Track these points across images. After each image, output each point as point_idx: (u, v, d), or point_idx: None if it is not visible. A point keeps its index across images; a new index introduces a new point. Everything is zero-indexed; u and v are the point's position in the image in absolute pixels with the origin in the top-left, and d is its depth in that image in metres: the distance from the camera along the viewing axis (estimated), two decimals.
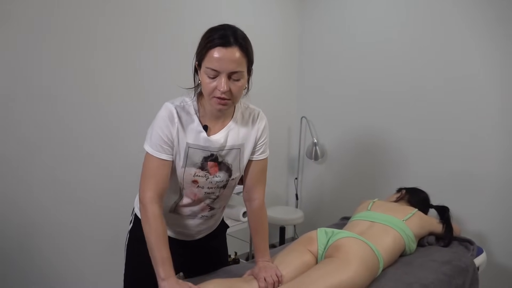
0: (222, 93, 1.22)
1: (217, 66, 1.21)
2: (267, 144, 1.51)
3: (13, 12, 1.90)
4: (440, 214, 2.11)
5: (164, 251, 1.28)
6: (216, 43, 1.20)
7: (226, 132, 1.38)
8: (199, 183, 1.40)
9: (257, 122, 1.46)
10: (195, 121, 1.34)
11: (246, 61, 1.26)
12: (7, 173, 1.97)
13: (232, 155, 1.41)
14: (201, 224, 1.53)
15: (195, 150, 1.35)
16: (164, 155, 1.32)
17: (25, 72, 1.98)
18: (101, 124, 2.28)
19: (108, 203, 2.34)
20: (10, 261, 2.02)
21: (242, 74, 1.25)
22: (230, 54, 1.20)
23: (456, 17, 2.55)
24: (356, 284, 1.45)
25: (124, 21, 2.30)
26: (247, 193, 1.54)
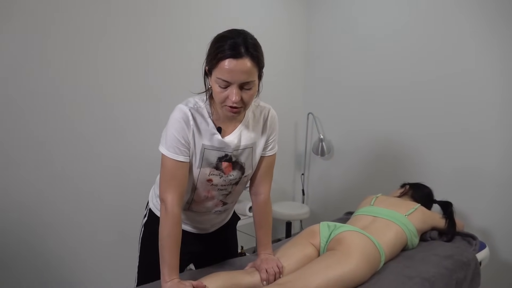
0: (234, 103, 1.24)
1: (228, 77, 1.21)
2: (276, 141, 1.55)
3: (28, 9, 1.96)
4: (443, 209, 2.13)
5: (175, 256, 1.34)
6: (227, 55, 1.19)
7: (239, 133, 1.41)
8: (213, 182, 1.44)
9: (268, 120, 1.49)
10: (210, 123, 1.36)
11: (257, 69, 1.27)
12: (16, 170, 2.03)
13: (245, 154, 1.45)
14: (214, 218, 1.59)
15: (211, 151, 1.38)
16: (181, 156, 1.34)
17: (35, 70, 2.03)
18: (110, 121, 2.33)
19: (116, 199, 2.39)
20: (20, 258, 2.08)
21: (253, 83, 1.26)
22: (241, 65, 1.20)
23: (462, 12, 2.56)
24: (356, 277, 1.48)
25: (133, 20, 2.35)
26: (254, 187, 1.58)
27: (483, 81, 2.49)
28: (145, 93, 2.46)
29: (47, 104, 2.09)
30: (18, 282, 2.08)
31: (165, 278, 1.32)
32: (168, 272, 1.32)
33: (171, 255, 1.33)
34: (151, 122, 2.43)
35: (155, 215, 1.56)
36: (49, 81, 2.08)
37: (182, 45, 2.57)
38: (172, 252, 1.33)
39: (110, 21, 2.26)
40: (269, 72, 3.17)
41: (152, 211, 1.59)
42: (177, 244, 1.35)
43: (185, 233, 1.44)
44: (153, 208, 1.58)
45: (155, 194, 1.57)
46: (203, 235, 1.63)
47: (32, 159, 2.07)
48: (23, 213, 2.06)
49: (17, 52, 1.97)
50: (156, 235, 1.38)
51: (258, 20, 3.09)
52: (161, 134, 1.40)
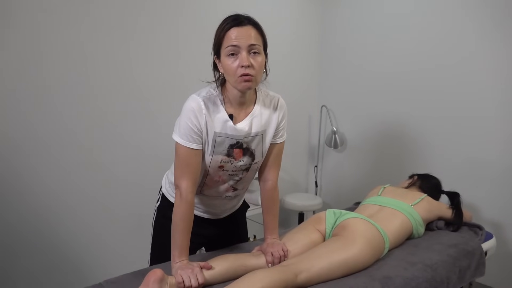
0: (246, 68, 1.31)
1: (235, 41, 1.31)
2: (286, 129, 1.60)
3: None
4: (451, 200, 2.15)
5: (186, 240, 1.42)
6: (231, 25, 1.32)
7: (250, 120, 1.46)
8: (224, 167, 1.50)
9: (278, 108, 1.54)
10: (222, 111, 1.42)
11: (262, 39, 1.37)
12: (46, 156, 2.15)
13: (255, 141, 1.50)
14: (225, 203, 1.66)
15: (223, 139, 1.44)
16: (194, 144, 1.41)
17: (62, 63, 2.14)
18: (131, 108, 2.43)
19: (135, 184, 2.50)
20: (45, 238, 2.20)
21: (260, 49, 1.35)
22: (245, 30, 1.32)
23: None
24: (360, 262, 1.53)
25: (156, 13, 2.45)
26: (262, 174, 1.64)
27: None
28: (169, 83, 2.56)
29: (72, 92, 2.20)
30: (42, 259, 2.20)
31: (175, 259, 1.40)
32: (178, 253, 1.40)
33: (182, 238, 1.41)
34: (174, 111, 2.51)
35: (167, 200, 1.65)
36: (77, 71, 2.20)
37: (196, 39, 2.64)
38: (183, 236, 1.41)
39: (132, 18, 2.36)
40: (284, 65, 3.26)
41: (164, 196, 1.68)
42: (189, 228, 1.43)
43: (197, 218, 1.52)
44: (166, 193, 1.67)
45: (168, 180, 1.66)
46: (215, 220, 1.70)
47: (56, 143, 2.18)
48: (50, 195, 2.19)
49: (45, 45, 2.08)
50: (167, 218, 1.46)
51: (273, 12, 3.13)
52: (175, 123, 1.48)
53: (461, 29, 2.64)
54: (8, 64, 1.98)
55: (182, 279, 1.31)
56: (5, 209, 2.06)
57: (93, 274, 2.34)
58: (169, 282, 1.30)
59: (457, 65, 2.66)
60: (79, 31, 2.17)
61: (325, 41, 3.53)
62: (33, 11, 2.01)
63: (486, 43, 2.52)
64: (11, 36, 1.97)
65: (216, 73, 1.45)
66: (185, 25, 2.59)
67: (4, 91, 1.99)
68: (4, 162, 2.03)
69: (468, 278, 1.80)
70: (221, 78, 1.44)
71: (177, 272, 1.34)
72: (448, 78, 2.72)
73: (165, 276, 1.29)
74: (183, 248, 1.41)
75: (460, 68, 2.65)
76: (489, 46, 2.51)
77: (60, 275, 2.26)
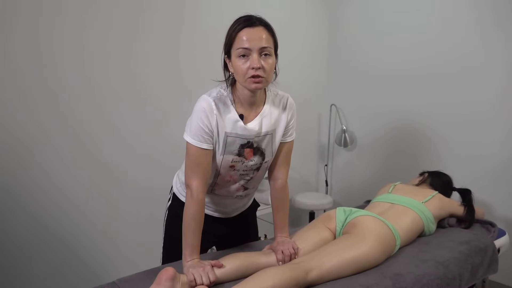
0: (256, 70, 1.32)
1: (246, 44, 1.31)
2: (295, 128, 1.61)
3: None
4: (462, 197, 2.14)
5: (197, 239, 1.44)
6: (243, 26, 1.33)
7: (260, 119, 1.48)
8: (235, 167, 1.52)
9: (287, 107, 1.55)
10: (232, 111, 1.44)
11: (273, 41, 1.38)
12: (56, 158, 2.18)
13: (265, 141, 1.52)
14: (236, 203, 1.67)
15: (233, 139, 1.45)
16: (205, 144, 1.43)
17: (70, 66, 2.17)
18: (140, 110, 2.46)
19: (145, 185, 2.52)
20: (55, 238, 2.23)
21: (271, 51, 1.36)
22: (257, 32, 1.33)
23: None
24: (370, 260, 1.53)
25: (164, 15, 2.47)
26: (272, 172, 1.65)
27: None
28: (178, 85, 2.59)
29: (81, 95, 2.23)
30: (54, 259, 2.24)
31: (186, 258, 1.42)
32: (189, 252, 1.42)
33: (193, 237, 1.43)
34: (176, 114, 2.54)
35: (178, 199, 1.67)
36: (84, 75, 2.23)
37: (201, 40, 2.66)
38: (194, 234, 1.43)
39: (136, 20, 2.38)
40: (293, 64, 3.25)
41: (175, 195, 1.69)
42: (200, 227, 1.45)
43: (208, 217, 1.54)
44: (177, 192, 1.69)
45: (179, 179, 1.67)
46: (225, 219, 1.72)
47: (68, 147, 2.22)
48: (59, 197, 2.22)
49: (53, 45, 2.11)
50: (178, 217, 1.48)
51: (281, 10, 3.15)
52: (186, 123, 1.49)
53: (467, 24, 2.62)
54: (15, 66, 2.01)
55: (193, 277, 1.32)
56: (15, 210, 2.09)
57: (105, 274, 2.36)
58: (181, 280, 1.31)
59: (466, 60, 2.64)
60: (84, 33, 2.20)
61: (334, 40, 3.53)
62: (37, 13, 2.04)
63: (493, 38, 2.50)
64: (16, 38, 2.00)
65: (226, 72, 1.46)
66: (190, 26, 2.61)
67: (12, 93, 2.02)
68: (14, 164, 2.07)
69: (481, 275, 1.79)
70: (231, 78, 1.45)
71: (188, 271, 1.36)
72: (456, 74, 2.70)
73: (177, 274, 1.30)
74: (194, 247, 1.43)
75: (470, 62, 2.63)
76: (496, 40, 2.49)
77: (71, 275, 2.30)
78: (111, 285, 1.42)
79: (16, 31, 1.99)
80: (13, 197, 2.08)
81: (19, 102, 2.05)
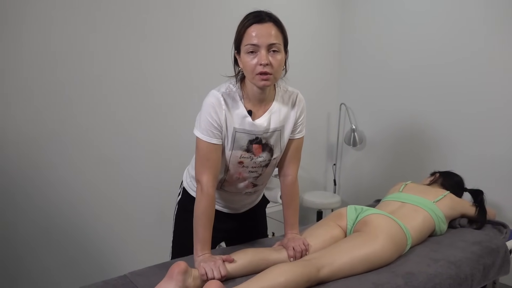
0: (264, 66, 1.32)
1: (255, 40, 1.31)
2: (304, 124, 1.60)
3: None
4: (474, 197, 2.12)
5: (208, 233, 1.44)
6: (252, 22, 1.33)
7: (268, 116, 1.47)
8: (244, 163, 1.52)
9: (296, 104, 1.55)
10: (241, 106, 1.44)
11: (282, 37, 1.37)
12: (60, 152, 2.18)
13: (274, 137, 1.51)
14: (245, 199, 1.68)
15: (242, 134, 1.45)
16: (215, 139, 1.43)
17: (79, 62, 2.18)
18: (149, 106, 2.46)
19: (154, 180, 2.53)
20: (63, 236, 2.24)
21: (279, 48, 1.35)
22: (266, 28, 1.32)
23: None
24: (382, 258, 1.53)
25: (173, 11, 2.47)
26: (282, 169, 1.64)
27: None
28: (186, 82, 2.58)
29: (89, 92, 2.23)
30: (63, 252, 2.25)
31: (197, 253, 1.42)
32: (200, 247, 1.42)
33: (204, 231, 1.43)
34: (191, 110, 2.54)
35: (188, 194, 1.67)
36: (93, 72, 2.23)
37: (209, 36, 2.65)
38: (205, 229, 1.43)
39: (144, 17, 2.38)
40: (303, 63, 3.24)
41: (186, 190, 1.70)
42: (210, 222, 1.45)
43: (217, 212, 1.54)
44: (187, 187, 1.69)
45: (189, 174, 1.68)
46: (234, 214, 1.72)
47: (78, 143, 2.23)
48: (69, 192, 2.23)
49: (62, 44, 2.12)
50: (188, 212, 1.49)
51: (293, 9, 3.14)
52: (195, 119, 1.49)
53: (478, 22, 2.60)
54: (26, 63, 2.02)
55: (205, 271, 1.32)
56: (25, 204, 2.10)
57: (114, 268, 2.37)
58: (192, 275, 1.31)
59: (477, 59, 2.62)
60: (94, 30, 2.20)
61: (344, 39, 3.52)
62: (48, 11, 2.05)
63: (504, 36, 2.48)
64: (28, 36, 2.01)
65: (236, 68, 1.46)
66: (199, 23, 2.60)
67: (23, 89, 2.03)
68: (24, 159, 2.07)
69: (492, 276, 1.77)
70: (241, 74, 1.45)
71: (200, 265, 1.36)
72: (466, 73, 2.68)
73: (188, 268, 1.30)
74: (206, 242, 1.43)
75: (481, 61, 2.61)
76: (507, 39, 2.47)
77: (80, 269, 2.31)
78: (122, 278, 1.43)
79: (27, 28, 2.00)
80: (23, 192, 2.09)
81: (30, 98, 2.05)
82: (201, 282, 1.32)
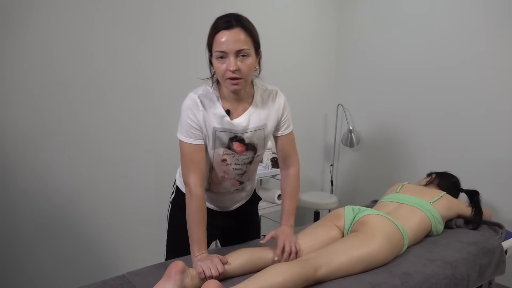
0: (232, 72, 1.34)
1: (223, 47, 1.33)
2: (290, 120, 1.61)
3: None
4: (470, 198, 2.14)
5: (202, 233, 1.44)
6: (220, 28, 1.35)
7: (248, 116, 1.49)
8: (227, 161, 1.54)
9: (276, 101, 1.55)
10: (218, 107, 1.46)
11: (251, 40, 1.38)
12: (59, 151, 2.18)
13: (256, 135, 1.53)
14: (234, 197, 1.69)
15: (222, 133, 1.48)
16: (196, 140, 1.46)
17: (79, 62, 2.18)
18: (149, 106, 2.46)
19: (153, 180, 2.53)
20: (62, 235, 2.24)
21: (248, 52, 1.36)
22: (233, 34, 1.33)
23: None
24: (379, 258, 1.53)
25: (173, 12, 2.47)
26: (283, 163, 1.64)
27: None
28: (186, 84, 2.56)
29: (90, 92, 2.24)
30: (62, 252, 2.26)
31: (194, 253, 1.42)
32: (197, 247, 1.43)
33: (198, 232, 1.44)
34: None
35: (181, 192, 1.68)
36: (94, 72, 2.24)
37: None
38: (199, 229, 1.44)
39: (143, 18, 2.38)
40: (300, 64, 3.24)
41: (178, 188, 1.71)
42: (203, 222, 1.46)
43: (209, 210, 1.55)
44: (180, 185, 1.70)
45: (181, 173, 1.68)
46: (226, 212, 1.72)
47: (77, 142, 2.23)
48: (68, 191, 2.23)
49: (62, 44, 2.12)
50: (181, 210, 1.50)
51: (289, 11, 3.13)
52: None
53: (478, 25, 2.61)
54: (27, 62, 2.02)
55: (202, 270, 1.33)
56: (24, 203, 2.10)
57: (112, 267, 2.38)
58: (190, 274, 1.32)
59: (475, 62, 2.64)
60: (94, 29, 2.21)
61: (342, 40, 3.53)
62: (49, 10, 2.05)
63: (504, 39, 2.50)
64: (29, 35, 2.01)
65: (211, 69, 1.47)
66: (199, 24, 2.59)
67: (23, 89, 2.03)
68: (23, 157, 2.07)
69: (488, 276, 1.79)
70: (216, 76, 1.47)
71: (197, 264, 1.36)
72: (465, 75, 2.70)
73: (186, 267, 1.31)
74: (201, 241, 1.44)
75: (479, 64, 2.62)
76: (508, 41, 2.49)
77: (79, 268, 2.31)
78: (120, 278, 1.43)
79: (27, 28, 2.00)
80: (22, 191, 2.09)
81: (30, 97, 2.05)
82: (199, 281, 1.33)
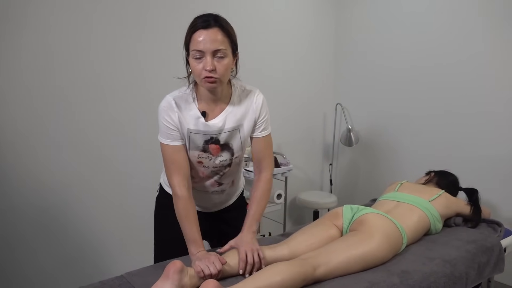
0: (209, 72, 1.33)
1: (199, 46, 1.33)
2: (268, 122, 1.58)
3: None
4: (469, 196, 2.13)
5: (195, 231, 1.44)
6: (198, 27, 1.34)
7: (224, 116, 1.48)
8: (203, 163, 1.54)
9: (254, 102, 1.54)
10: (194, 108, 1.46)
11: (229, 41, 1.37)
12: (57, 152, 2.18)
13: (232, 136, 1.52)
14: (214, 198, 1.67)
15: (196, 135, 1.48)
16: (175, 141, 1.47)
17: (77, 62, 2.18)
18: (147, 107, 2.45)
19: (151, 181, 2.48)
20: (60, 237, 2.25)
21: (225, 53, 1.35)
22: (211, 34, 1.33)
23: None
24: (378, 257, 1.53)
25: (171, 12, 2.47)
26: (257, 167, 1.62)
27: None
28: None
29: (89, 94, 2.24)
30: (60, 253, 2.26)
31: (192, 252, 1.43)
32: (194, 247, 1.43)
33: (192, 231, 1.44)
34: None
35: (164, 190, 1.69)
36: (92, 74, 2.24)
37: None
38: (191, 229, 1.44)
39: (141, 18, 2.38)
40: (299, 63, 3.23)
41: (161, 186, 1.72)
42: (195, 221, 1.46)
43: None
44: (163, 183, 1.71)
45: (164, 172, 1.67)
46: (207, 213, 1.71)
47: (75, 143, 2.23)
48: (66, 192, 2.23)
49: (60, 44, 2.12)
50: (165, 208, 1.51)
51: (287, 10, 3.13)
52: None
53: (476, 23, 2.61)
54: (25, 63, 2.02)
55: (200, 269, 1.32)
56: (23, 205, 2.10)
57: (111, 269, 2.38)
58: (188, 273, 1.32)
59: (474, 60, 2.64)
60: (92, 30, 2.21)
61: (340, 39, 3.53)
62: (47, 11, 2.05)
63: (503, 37, 2.50)
64: (27, 36, 2.01)
65: (188, 69, 1.46)
66: None
67: (21, 90, 2.03)
68: (21, 159, 2.08)
69: (487, 274, 1.79)
70: (193, 76, 1.46)
71: (195, 263, 1.36)
72: (463, 74, 2.70)
73: (184, 267, 1.31)
74: (197, 240, 1.44)
75: (478, 62, 2.63)
76: (506, 40, 2.49)
77: (77, 269, 2.31)
78: (119, 279, 1.43)
79: (25, 28, 2.00)
80: (20, 192, 2.09)
81: (27, 98, 2.06)
82: (198, 280, 1.33)
